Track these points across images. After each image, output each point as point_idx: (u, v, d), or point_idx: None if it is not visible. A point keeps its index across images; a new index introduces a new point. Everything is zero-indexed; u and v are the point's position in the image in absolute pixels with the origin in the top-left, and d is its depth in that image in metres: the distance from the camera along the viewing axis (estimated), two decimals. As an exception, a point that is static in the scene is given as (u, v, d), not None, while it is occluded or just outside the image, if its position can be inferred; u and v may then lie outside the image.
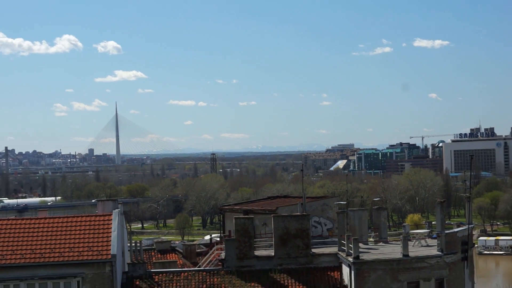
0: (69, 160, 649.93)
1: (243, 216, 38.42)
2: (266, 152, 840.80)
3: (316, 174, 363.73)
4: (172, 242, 53.76)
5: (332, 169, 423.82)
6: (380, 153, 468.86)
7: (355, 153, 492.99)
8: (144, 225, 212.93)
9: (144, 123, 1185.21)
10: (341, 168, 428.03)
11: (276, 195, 65.02)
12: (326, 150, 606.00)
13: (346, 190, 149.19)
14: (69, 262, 32.91)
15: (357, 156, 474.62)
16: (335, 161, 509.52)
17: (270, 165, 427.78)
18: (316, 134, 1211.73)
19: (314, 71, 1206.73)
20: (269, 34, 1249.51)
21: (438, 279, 34.38)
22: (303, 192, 41.97)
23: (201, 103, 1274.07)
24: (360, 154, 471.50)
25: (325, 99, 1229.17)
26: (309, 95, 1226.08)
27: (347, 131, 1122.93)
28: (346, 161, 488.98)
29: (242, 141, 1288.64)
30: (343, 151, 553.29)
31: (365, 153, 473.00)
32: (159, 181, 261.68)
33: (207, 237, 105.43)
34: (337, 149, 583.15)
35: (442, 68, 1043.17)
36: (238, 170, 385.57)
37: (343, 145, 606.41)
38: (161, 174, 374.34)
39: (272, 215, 38.17)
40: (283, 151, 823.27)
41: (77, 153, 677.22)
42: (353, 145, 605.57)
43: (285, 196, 55.43)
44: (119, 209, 36.56)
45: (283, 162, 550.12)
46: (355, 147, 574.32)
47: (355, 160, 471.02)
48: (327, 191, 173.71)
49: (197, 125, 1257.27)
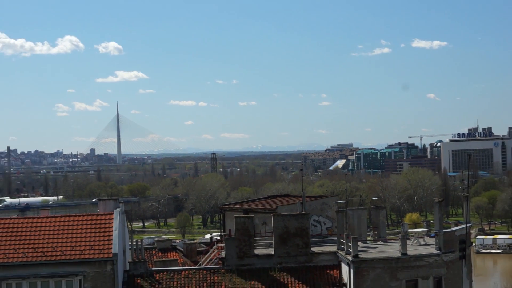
0: (70, 160, 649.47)
1: (243, 215, 38.43)
2: (266, 151, 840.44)
3: (316, 174, 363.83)
4: (173, 241, 54.11)
5: (331, 168, 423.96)
6: (378, 153, 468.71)
7: (354, 152, 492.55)
8: (145, 224, 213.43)
9: (145, 123, 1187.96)
10: (340, 168, 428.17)
11: (275, 194, 65.25)
12: (325, 150, 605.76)
13: (345, 190, 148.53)
14: (70, 260, 32.88)
15: (356, 155, 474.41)
16: (334, 160, 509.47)
17: (270, 165, 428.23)
18: (315, 134, 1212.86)
19: (313, 71, 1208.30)
20: (268, 35, 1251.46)
21: (436, 278, 34.46)
22: (302, 192, 41.89)
23: (201, 103, 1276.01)
24: (359, 154, 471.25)
25: (324, 99, 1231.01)
26: (309, 95, 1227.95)
27: (346, 131, 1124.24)
28: (345, 160, 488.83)
29: (242, 141, 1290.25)
30: (342, 150, 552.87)
31: (364, 152, 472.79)
32: (160, 180, 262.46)
33: (208, 236, 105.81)
34: (336, 149, 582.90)
35: (440, 68, 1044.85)
36: (238, 169, 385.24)
37: (342, 145, 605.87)
38: (162, 174, 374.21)
39: (272, 214, 38.22)
40: (282, 150, 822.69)
41: (79, 153, 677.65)
42: (352, 145, 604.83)
43: (285, 196, 55.42)
44: (120, 208, 36.63)
45: (283, 161, 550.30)
46: (354, 146, 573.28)
47: (354, 160, 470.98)
48: (326, 190, 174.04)
49: (197, 125, 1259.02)
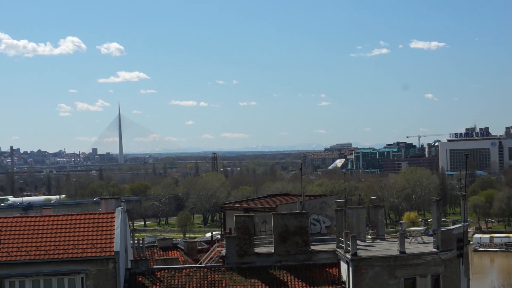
0: (73, 159, 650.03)
1: (243, 214, 38.55)
2: (266, 151, 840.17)
3: (315, 173, 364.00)
4: (174, 239, 54.41)
5: (330, 168, 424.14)
6: (377, 152, 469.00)
7: (353, 152, 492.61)
8: (147, 222, 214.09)
9: (146, 123, 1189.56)
10: (339, 167, 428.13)
11: (275, 193, 65.74)
12: (325, 149, 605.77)
13: (344, 189, 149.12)
14: (73, 259, 33.10)
15: (355, 155, 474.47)
16: (333, 160, 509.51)
17: (269, 164, 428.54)
18: (314, 134, 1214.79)
19: (312, 72, 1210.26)
20: (268, 36, 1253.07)
21: (434, 276, 34.65)
22: (302, 191, 42.10)
23: (202, 104, 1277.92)
24: (358, 153, 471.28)
25: (323, 99, 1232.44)
26: (308, 95, 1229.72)
27: (345, 130, 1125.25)
28: (344, 160, 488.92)
29: (242, 140, 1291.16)
30: (341, 150, 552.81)
31: (362, 152, 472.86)
32: (161, 179, 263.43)
33: (208, 234, 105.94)
34: (335, 149, 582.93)
35: (438, 69, 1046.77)
36: (239, 169, 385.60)
37: (341, 144, 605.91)
38: (163, 173, 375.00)
39: (272, 213, 38.41)
40: (282, 150, 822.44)
41: (81, 152, 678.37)
42: (351, 144, 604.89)
43: (285, 194, 55.70)
44: (122, 207, 36.83)
45: (283, 161, 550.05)
46: (353, 146, 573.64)
47: (353, 159, 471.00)
48: (325, 189, 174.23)
49: (198, 125, 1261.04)
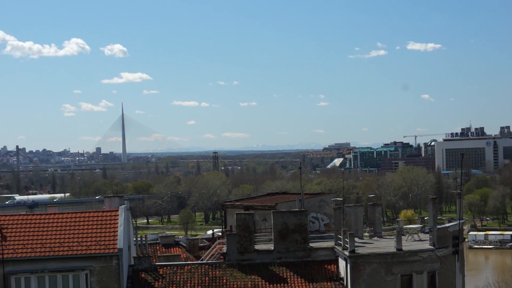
0: (77, 158, 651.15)
1: (244, 212, 38.80)
2: (266, 150, 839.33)
3: (314, 172, 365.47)
4: (176, 236, 55.07)
5: (329, 167, 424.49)
6: (375, 152, 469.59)
7: (351, 151, 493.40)
8: (149, 220, 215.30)
9: (149, 123, 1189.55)
10: (338, 166, 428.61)
11: (275, 191, 66.47)
12: (323, 148, 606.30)
13: (343, 187, 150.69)
14: (77, 255, 33.34)
15: (353, 154, 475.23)
16: (332, 159, 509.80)
17: (269, 163, 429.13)
18: (313, 134, 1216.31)
19: (312, 73, 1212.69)
20: (268, 37, 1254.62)
21: (430, 272, 35.01)
22: (301, 189, 42.37)
23: (203, 104, 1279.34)
24: (356, 153, 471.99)
25: (322, 100, 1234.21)
26: (307, 96, 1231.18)
27: (343, 130, 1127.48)
28: (342, 159, 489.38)
29: (243, 140, 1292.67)
30: (339, 149, 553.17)
31: (360, 151, 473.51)
32: (163, 178, 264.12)
33: (210, 232, 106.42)
34: (333, 148, 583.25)
35: (435, 70, 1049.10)
36: (239, 168, 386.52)
37: (339, 144, 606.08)
38: (165, 172, 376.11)
39: (272, 211, 38.72)
40: (282, 149, 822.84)
41: (85, 152, 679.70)
42: (349, 144, 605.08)
43: (284, 193, 56.21)
44: (125, 205, 37.09)
45: (282, 160, 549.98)
46: (351, 146, 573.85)
47: (351, 158, 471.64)
48: (324, 188, 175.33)
49: (199, 125, 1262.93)
